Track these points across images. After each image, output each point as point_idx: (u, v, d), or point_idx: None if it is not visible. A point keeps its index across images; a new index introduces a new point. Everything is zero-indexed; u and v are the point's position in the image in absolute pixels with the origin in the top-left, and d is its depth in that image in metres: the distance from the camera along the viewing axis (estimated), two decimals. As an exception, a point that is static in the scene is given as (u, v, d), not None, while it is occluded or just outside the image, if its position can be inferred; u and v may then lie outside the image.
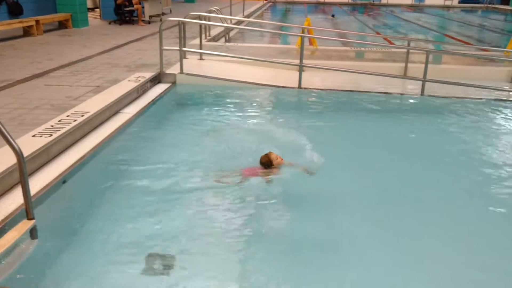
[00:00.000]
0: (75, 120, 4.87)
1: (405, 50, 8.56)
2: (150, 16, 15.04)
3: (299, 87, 7.53)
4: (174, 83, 7.52)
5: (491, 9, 29.87)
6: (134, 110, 5.95)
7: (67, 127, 4.65)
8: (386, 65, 8.70)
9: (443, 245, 3.56)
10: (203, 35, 9.95)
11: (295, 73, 7.65)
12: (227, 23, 12.42)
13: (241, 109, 6.66)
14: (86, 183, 4.22)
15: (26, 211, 3.18)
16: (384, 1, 32.72)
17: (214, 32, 12.24)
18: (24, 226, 3.13)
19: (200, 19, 9.96)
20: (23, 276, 2.93)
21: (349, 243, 3.54)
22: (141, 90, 6.69)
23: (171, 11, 17.96)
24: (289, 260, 3.31)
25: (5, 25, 10.63)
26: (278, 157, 4.51)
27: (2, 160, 3.64)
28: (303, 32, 9.51)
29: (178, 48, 7.65)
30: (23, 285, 2.91)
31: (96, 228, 3.53)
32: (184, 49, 7.87)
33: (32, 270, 3.00)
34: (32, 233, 3.18)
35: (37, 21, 11.45)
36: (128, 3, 14.30)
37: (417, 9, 29.46)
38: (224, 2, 17.35)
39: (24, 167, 3.04)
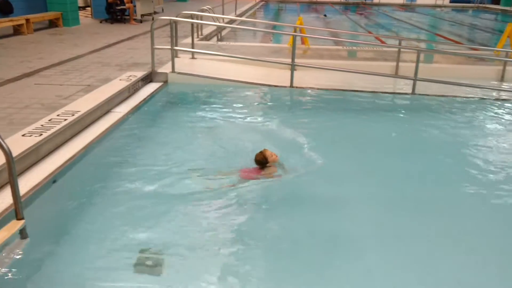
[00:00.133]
0: (66, 120, 4.84)
1: (397, 49, 8.60)
2: (142, 15, 14.97)
3: (291, 86, 7.54)
4: (166, 82, 7.50)
5: (482, 9, 30.11)
6: (126, 109, 5.92)
7: (58, 126, 4.61)
8: (378, 64, 8.75)
9: (443, 245, 3.56)
10: (195, 34, 9.93)
11: (287, 72, 7.66)
12: (219, 22, 12.39)
13: (233, 108, 6.65)
14: (77, 183, 4.19)
15: (16, 211, 3.16)
16: (376, 1, 32.85)
17: (206, 31, 12.22)
18: (14, 226, 3.11)
19: (192, 18, 9.95)
20: (13, 277, 2.91)
21: (349, 243, 3.53)
22: (133, 89, 6.66)
23: (163, 10, 17.91)
24: (289, 261, 3.30)
25: (-5, 24, 10.53)
26: (273, 154, 4.51)
27: (-9, 160, 3.60)
28: (295, 31, 9.54)
29: (170, 47, 7.63)
30: (13, 285, 2.89)
31: (87, 228, 3.51)
32: (176, 48, 7.84)
33: (22, 270, 2.98)
34: (22, 233, 3.16)
35: (28, 20, 11.36)
36: (120, 2, 14.23)
37: (409, 9, 29.62)
38: (217, 1, 17.29)
39: (13, 167, 3.02)
